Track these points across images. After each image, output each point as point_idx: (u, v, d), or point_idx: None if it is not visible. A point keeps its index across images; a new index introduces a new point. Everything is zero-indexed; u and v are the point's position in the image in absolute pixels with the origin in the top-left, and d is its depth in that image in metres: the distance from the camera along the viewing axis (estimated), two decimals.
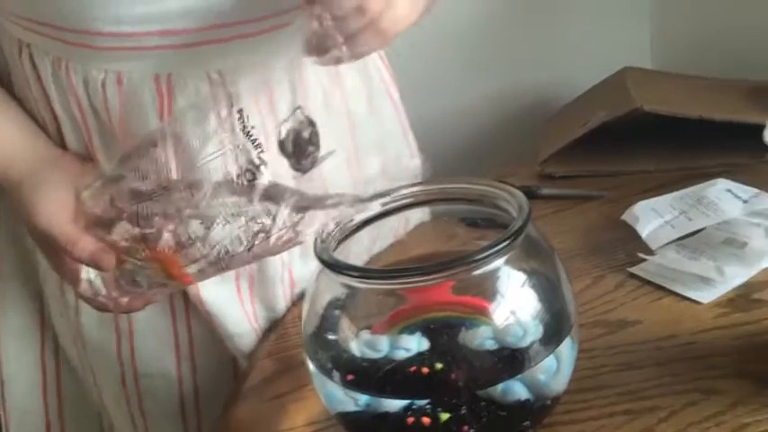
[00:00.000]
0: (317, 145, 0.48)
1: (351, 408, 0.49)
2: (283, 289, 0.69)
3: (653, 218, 0.69)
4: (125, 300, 0.55)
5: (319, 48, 0.47)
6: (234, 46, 0.58)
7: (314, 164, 0.49)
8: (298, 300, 0.70)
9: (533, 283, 0.47)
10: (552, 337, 0.47)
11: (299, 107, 0.48)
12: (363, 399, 0.48)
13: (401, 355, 0.48)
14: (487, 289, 0.47)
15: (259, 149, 0.47)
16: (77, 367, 0.72)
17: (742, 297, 0.59)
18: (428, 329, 0.49)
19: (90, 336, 0.68)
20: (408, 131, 0.76)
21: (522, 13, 1.10)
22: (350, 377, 0.48)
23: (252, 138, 0.47)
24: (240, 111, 0.47)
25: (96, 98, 0.59)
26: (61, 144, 0.63)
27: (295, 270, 0.68)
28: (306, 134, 0.48)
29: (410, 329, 0.49)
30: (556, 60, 1.11)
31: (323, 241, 0.48)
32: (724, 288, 0.60)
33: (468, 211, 0.54)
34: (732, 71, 0.96)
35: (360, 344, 0.48)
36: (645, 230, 0.68)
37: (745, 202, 0.67)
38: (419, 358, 0.48)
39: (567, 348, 0.48)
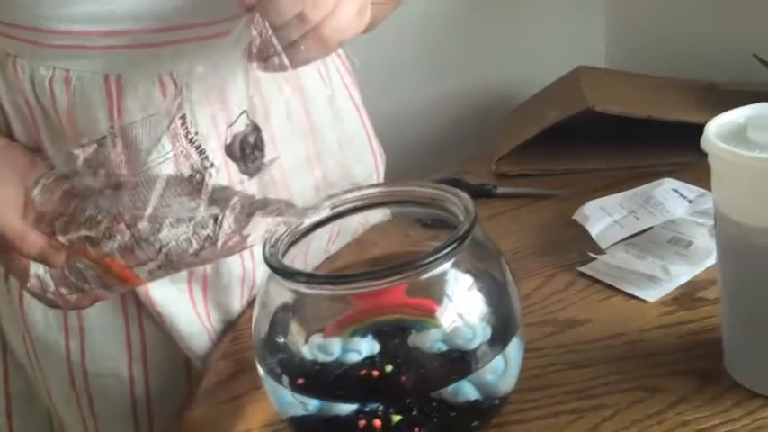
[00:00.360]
0: (262, 150, 0.48)
1: (301, 412, 0.50)
2: (241, 291, 0.69)
3: (602, 217, 0.70)
4: (74, 297, 0.54)
5: (260, 55, 0.47)
6: (186, 49, 0.57)
7: (259, 169, 0.49)
8: (252, 302, 0.70)
9: (480, 286, 0.48)
10: (499, 338, 0.48)
11: (244, 111, 0.48)
12: (314, 403, 0.48)
13: (352, 358, 0.48)
14: (436, 292, 0.47)
15: (203, 155, 0.47)
16: (26, 365, 0.71)
17: (686, 295, 0.61)
18: (379, 332, 0.50)
19: (38, 333, 0.67)
20: (370, 132, 0.76)
21: (478, 12, 1.10)
22: (300, 381, 0.48)
23: (195, 143, 0.47)
24: (183, 117, 0.47)
25: (44, 95, 0.59)
26: (9, 137, 0.63)
27: (258, 275, 0.68)
28: (251, 139, 0.48)
29: (361, 332, 0.50)
30: (512, 59, 1.12)
31: (272, 246, 0.48)
32: (669, 287, 0.62)
33: (421, 213, 0.55)
34: (684, 70, 0.98)
35: (311, 347, 0.48)
36: (595, 230, 0.69)
37: (690, 201, 0.69)
38: (370, 361, 0.48)
39: (514, 349, 0.49)
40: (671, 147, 0.82)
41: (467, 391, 0.48)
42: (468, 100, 1.13)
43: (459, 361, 0.48)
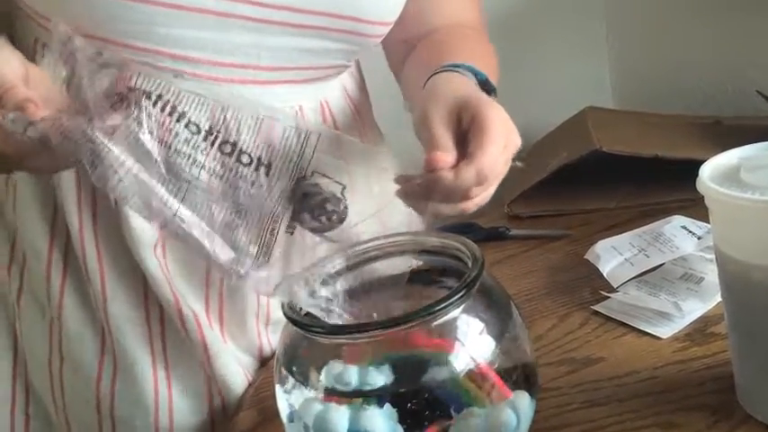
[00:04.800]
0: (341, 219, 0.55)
1: None
2: (258, 324, 0.70)
3: (613, 256, 0.72)
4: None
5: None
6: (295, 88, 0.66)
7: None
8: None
9: (491, 331, 0.49)
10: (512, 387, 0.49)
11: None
12: None
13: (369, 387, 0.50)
14: (448, 335, 0.49)
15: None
16: (45, 391, 0.71)
17: (699, 331, 0.62)
18: (396, 365, 0.50)
19: (70, 349, 0.68)
20: None
21: None
22: None
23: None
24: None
25: None
26: None
27: (273, 311, 0.69)
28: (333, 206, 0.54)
29: (378, 362, 0.50)
30: (520, 103, 1.13)
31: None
32: (682, 323, 0.63)
33: (432, 261, 0.57)
34: (690, 106, 1.00)
35: (328, 374, 0.50)
36: (606, 268, 0.71)
37: (699, 238, 0.70)
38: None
39: (526, 404, 0.50)
40: (679, 183, 0.83)
41: None
42: None
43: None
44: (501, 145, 0.54)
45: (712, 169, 0.48)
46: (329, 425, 0.49)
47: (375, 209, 0.55)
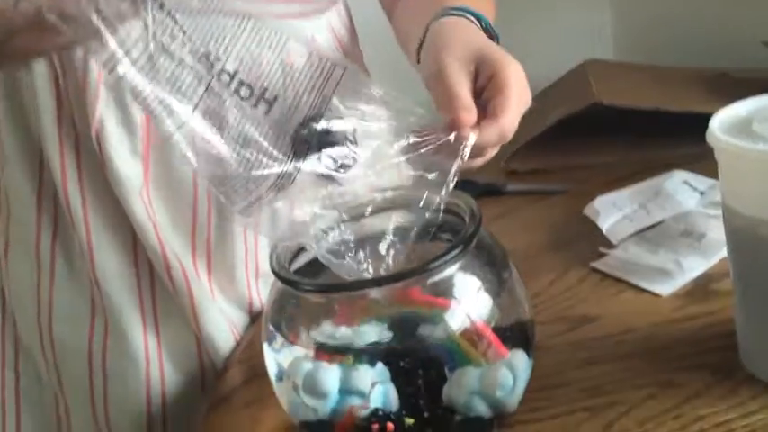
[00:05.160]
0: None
1: (313, 417, 0.50)
2: (247, 275, 0.68)
3: (613, 212, 0.70)
4: None
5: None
6: None
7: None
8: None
9: (488, 288, 0.48)
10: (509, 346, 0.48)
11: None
12: (327, 406, 0.49)
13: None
14: (445, 293, 0.47)
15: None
16: (34, 345, 0.69)
17: (700, 288, 0.60)
18: (392, 323, 0.49)
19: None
20: None
21: None
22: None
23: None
24: None
25: None
26: None
27: (262, 262, 0.68)
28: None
29: (373, 321, 0.49)
30: (518, 55, 1.11)
31: (278, 255, 0.48)
32: (682, 280, 0.61)
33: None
34: (694, 58, 0.98)
35: (318, 334, 0.48)
36: (605, 224, 0.69)
37: (702, 193, 0.68)
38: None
39: (522, 362, 0.49)
40: (681, 138, 0.81)
41: (477, 406, 0.48)
42: None
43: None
44: (520, 105, 0.54)
45: (722, 121, 0.46)
46: (319, 384, 0.48)
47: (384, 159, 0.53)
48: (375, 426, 0.48)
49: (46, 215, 0.66)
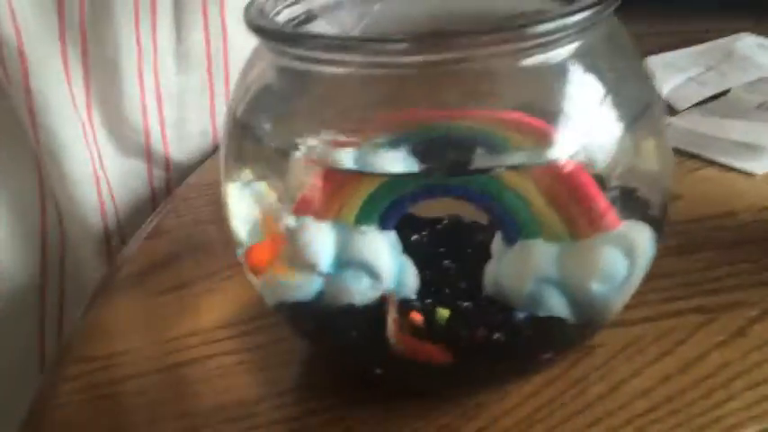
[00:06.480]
0: None
1: (299, 295, 0.32)
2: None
3: (673, 73, 0.55)
4: None
5: None
6: None
7: None
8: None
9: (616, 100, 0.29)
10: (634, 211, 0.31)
11: None
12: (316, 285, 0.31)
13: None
14: (537, 93, 0.29)
15: None
16: None
17: None
18: (424, 149, 0.29)
19: None
20: None
21: None
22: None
23: None
24: None
25: None
26: None
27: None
28: None
29: (395, 143, 0.29)
30: None
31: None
32: None
33: None
34: None
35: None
36: (666, 87, 0.54)
37: None
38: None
39: (644, 241, 0.31)
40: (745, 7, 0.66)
41: (550, 302, 0.30)
42: None
43: None
44: None
45: None
46: (308, 249, 0.30)
47: None
48: (392, 317, 0.31)
49: None
